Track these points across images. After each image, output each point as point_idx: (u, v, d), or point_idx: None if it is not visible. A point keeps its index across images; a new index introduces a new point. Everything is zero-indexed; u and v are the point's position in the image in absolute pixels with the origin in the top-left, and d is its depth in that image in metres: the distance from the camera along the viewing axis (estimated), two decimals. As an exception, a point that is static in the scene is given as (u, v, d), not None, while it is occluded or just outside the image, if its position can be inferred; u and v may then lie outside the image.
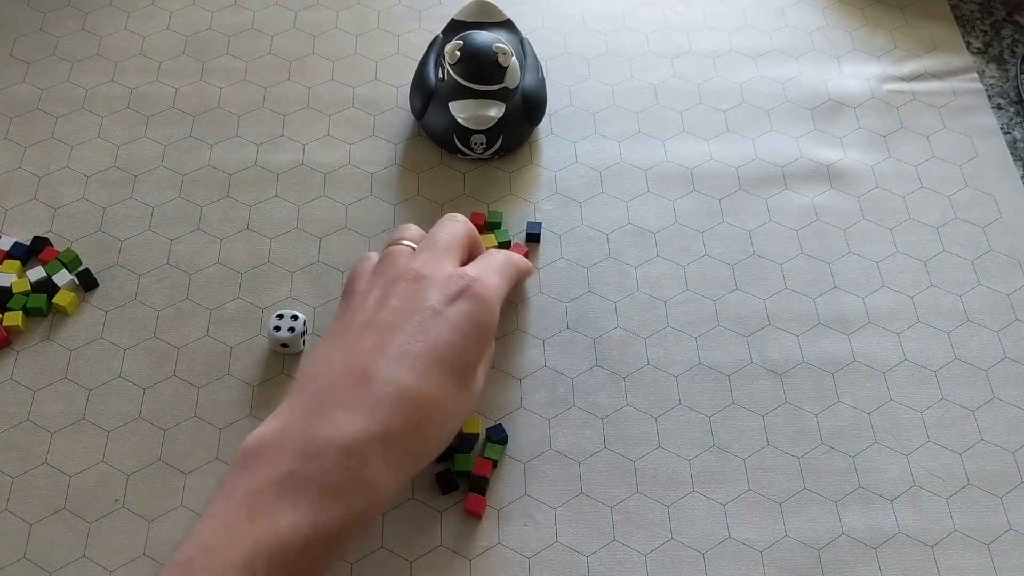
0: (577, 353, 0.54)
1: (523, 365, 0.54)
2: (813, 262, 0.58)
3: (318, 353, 0.44)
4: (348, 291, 0.48)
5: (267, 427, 0.41)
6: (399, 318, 0.43)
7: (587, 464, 0.50)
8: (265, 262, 0.57)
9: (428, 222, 0.58)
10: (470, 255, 0.50)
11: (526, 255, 0.57)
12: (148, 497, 0.49)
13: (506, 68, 0.57)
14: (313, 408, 0.41)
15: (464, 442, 0.50)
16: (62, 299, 0.54)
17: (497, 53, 0.57)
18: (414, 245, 0.49)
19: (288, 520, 0.37)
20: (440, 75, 0.59)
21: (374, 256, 0.49)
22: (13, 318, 0.53)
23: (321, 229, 0.58)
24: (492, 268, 0.48)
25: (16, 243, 0.56)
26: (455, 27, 0.62)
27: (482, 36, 0.58)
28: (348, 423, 0.40)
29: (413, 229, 0.50)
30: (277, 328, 0.53)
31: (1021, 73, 0.67)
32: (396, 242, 0.49)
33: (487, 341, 0.46)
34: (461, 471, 0.49)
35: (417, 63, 0.63)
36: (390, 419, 0.40)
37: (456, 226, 0.50)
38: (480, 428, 0.51)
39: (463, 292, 0.45)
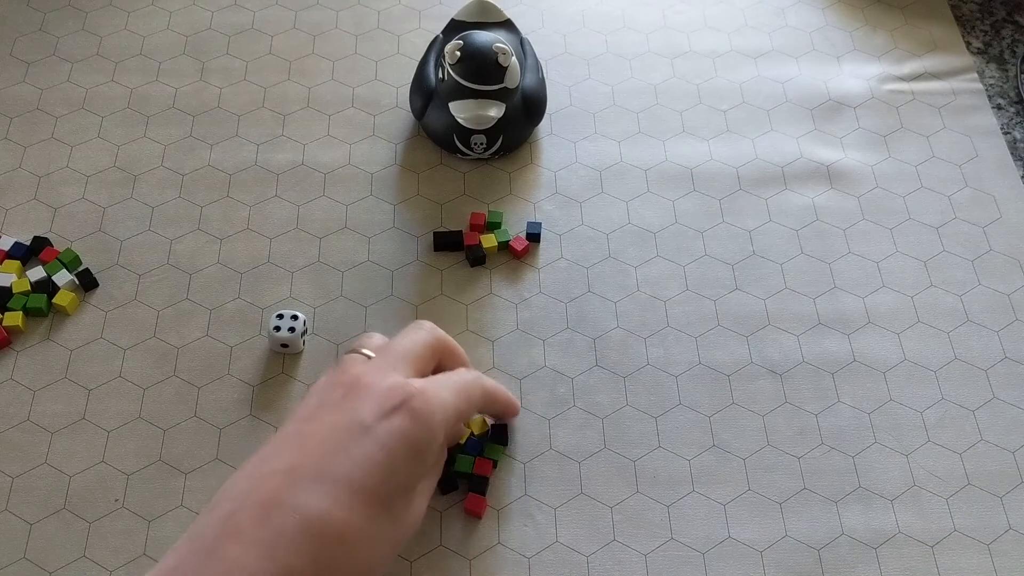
0: (577, 353, 0.54)
1: (523, 365, 0.54)
2: (813, 262, 0.58)
3: (240, 470, 0.39)
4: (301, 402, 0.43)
5: (159, 569, 0.35)
6: (323, 433, 0.38)
7: (587, 464, 0.50)
8: (265, 262, 0.57)
9: (428, 222, 0.59)
10: (439, 366, 0.45)
11: (525, 249, 0.57)
12: (148, 497, 0.49)
13: (506, 68, 0.57)
14: (208, 544, 0.35)
15: (465, 442, 0.50)
16: (62, 299, 0.54)
17: (497, 53, 0.57)
18: (372, 354, 0.43)
19: None
20: (440, 75, 0.59)
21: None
22: (13, 318, 0.53)
23: (321, 229, 0.58)
24: (447, 384, 0.42)
25: (16, 243, 0.56)
26: (455, 27, 0.62)
27: (482, 36, 0.58)
28: (241, 562, 0.34)
29: (376, 338, 0.45)
30: (277, 328, 0.53)
31: (1021, 73, 0.67)
32: (355, 350, 0.44)
33: (425, 463, 0.40)
34: (461, 471, 0.49)
35: (417, 63, 0.63)
36: (291, 557, 0.35)
37: (419, 334, 0.44)
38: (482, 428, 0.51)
39: (401, 406, 0.39)
